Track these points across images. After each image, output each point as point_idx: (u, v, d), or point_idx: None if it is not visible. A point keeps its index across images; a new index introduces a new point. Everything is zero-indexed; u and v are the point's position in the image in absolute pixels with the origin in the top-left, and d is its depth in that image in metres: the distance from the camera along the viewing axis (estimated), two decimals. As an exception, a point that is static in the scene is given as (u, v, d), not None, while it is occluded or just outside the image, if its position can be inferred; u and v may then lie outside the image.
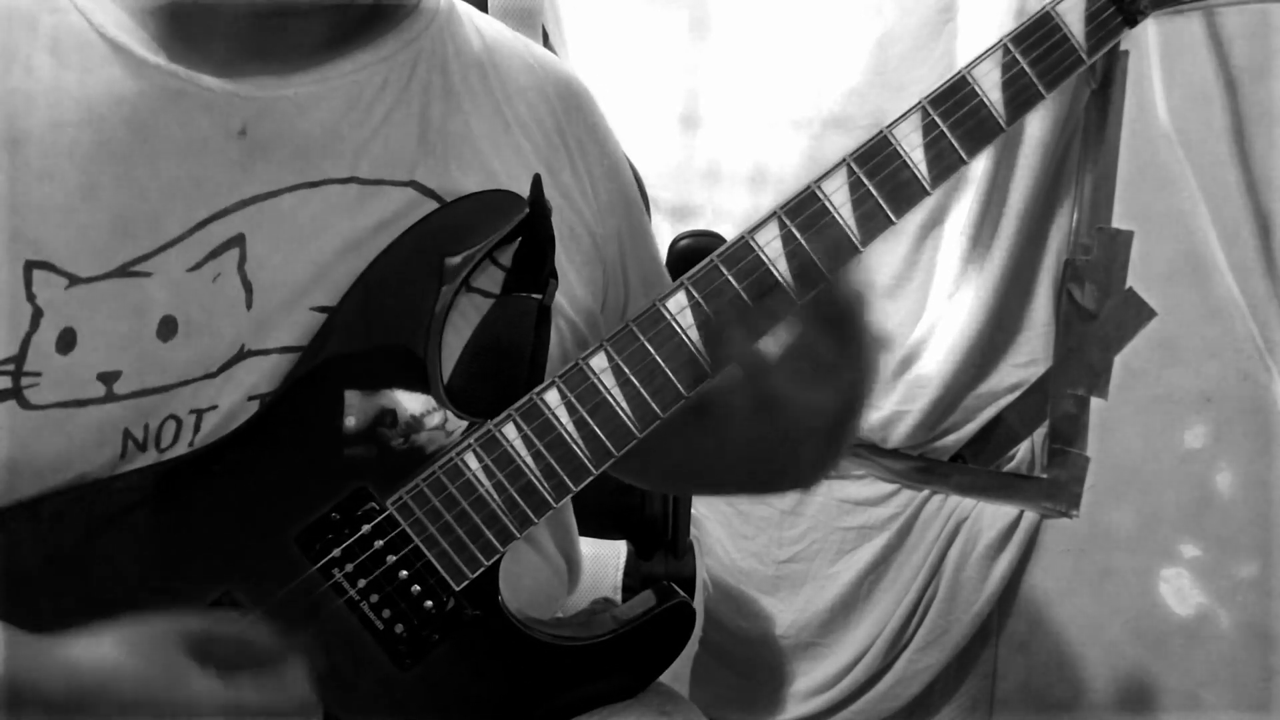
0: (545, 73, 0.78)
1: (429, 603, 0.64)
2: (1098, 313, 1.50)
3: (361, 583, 0.63)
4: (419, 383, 0.64)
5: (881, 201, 0.69)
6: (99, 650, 0.54)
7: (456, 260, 0.66)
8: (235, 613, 0.60)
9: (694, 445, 0.81)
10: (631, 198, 0.82)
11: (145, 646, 0.54)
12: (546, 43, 1.68)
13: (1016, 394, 1.58)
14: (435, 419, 0.65)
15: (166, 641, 0.55)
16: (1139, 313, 1.48)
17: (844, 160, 0.68)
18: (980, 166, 1.49)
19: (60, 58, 0.63)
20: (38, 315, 0.59)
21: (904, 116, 0.69)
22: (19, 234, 0.60)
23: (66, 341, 0.60)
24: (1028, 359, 1.56)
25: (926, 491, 1.64)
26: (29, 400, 0.59)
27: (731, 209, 1.66)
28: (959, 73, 0.69)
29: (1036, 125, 1.46)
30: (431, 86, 0.71)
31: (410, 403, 0.64)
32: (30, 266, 0.60)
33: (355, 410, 0.64)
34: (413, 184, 0.68)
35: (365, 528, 0.63)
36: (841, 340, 0.67)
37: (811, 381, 0.66)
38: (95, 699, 0.52)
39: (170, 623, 0.56)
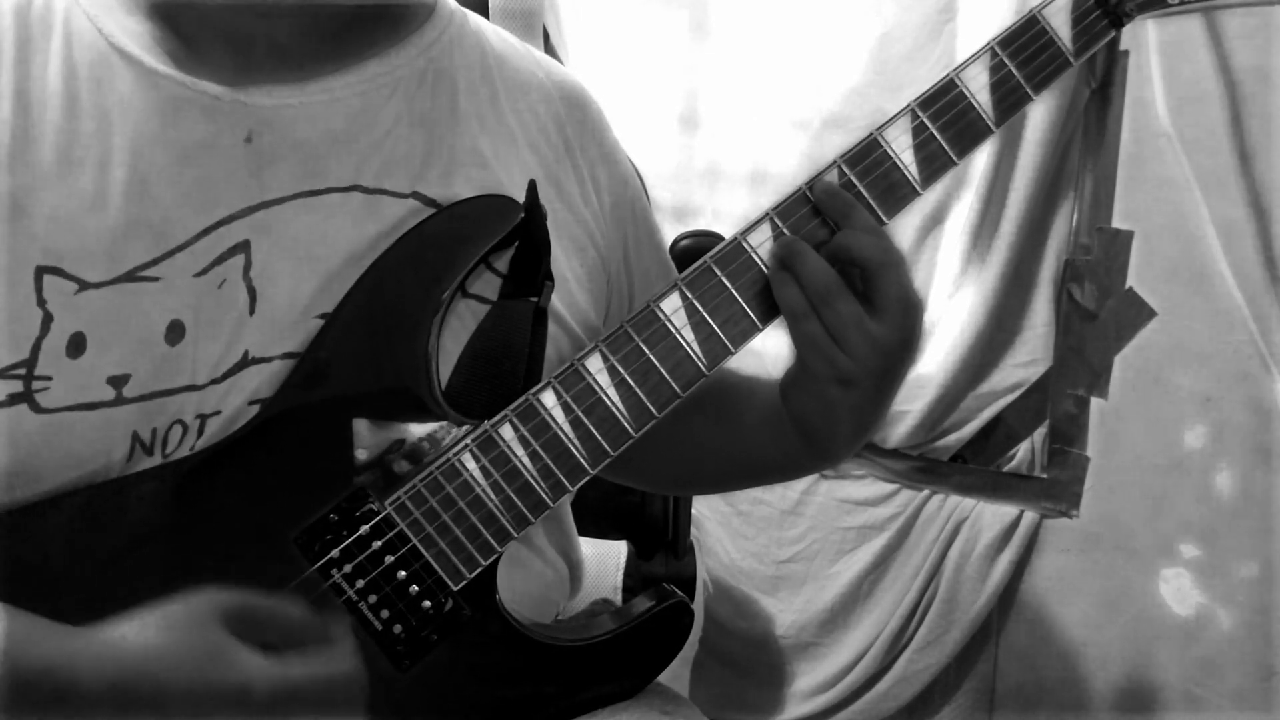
0: (553, 83, 0.78)
1: (427, 603, 0.64)
2: (1098, 313, 1.50)
3: (360, 583, 0.63)
4: (416, 387, 0.65)
5: (872, 203, 0.69)
6: (140, 634, 0.54)
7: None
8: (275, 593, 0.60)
9: (709, 441, 0.81)
10: (638, 207, 0.83)
11: (187, 626, 0.54)
12: (547, 43, 1.68)
13: (1016, 394, 1.58)
14: (433, 425, 0.65)
15: (208, 619, 0.55)
16: (1139, 313, 1.48)
17: (835, 162, 0.69)
18: (980, 167, 1.49)
19: (72, 66, 0.64)
20: (48, 320, 0.60)
21: (893, 119, 0.69)
22: (30, 240, 0.60)
23: (76, 345, 0.60)
24: (1028, 359, 1.56)
25: (926, 491, 1.64)
26: (39, 404, 0.60)
27: (731, 209, 1.66)
28: (947, 76, 0.70)
29: (1036, 125, 1.46)
30: (439, 98, 0.71)
31: (408, 410, 0.65)
32: (41, 272, 0.60)
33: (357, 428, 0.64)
34: (415, 195, 0.68)
35: (363, 528, 0.63)
36: (876, 295, 0.66)
37: (853, 333, 0.66)
38: (143, 684, 0.53)
39: (209, 600, 0.56)
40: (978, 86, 0.70)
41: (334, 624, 0.61)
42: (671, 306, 0.68)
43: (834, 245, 0.67)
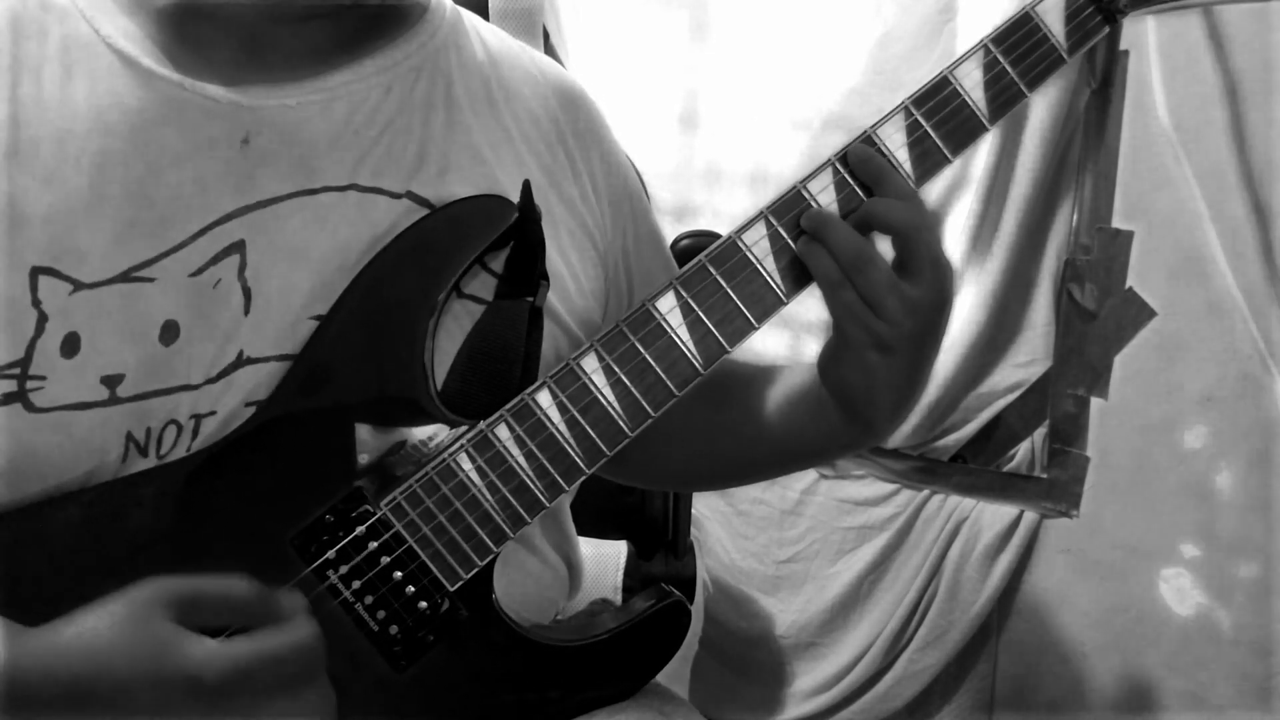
0: (548, 82, 0.78)
1: (423, 604, 0.64)
2: (1098, 313, 1.50)
3: (356, 584, 0.63)
4: (412, 390, 0.65)
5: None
6: (82, 630, 0.54)
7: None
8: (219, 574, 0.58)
9: (742, 430, 0.81)
10: (637, 206, 0.83)
11: (131, 620, 0.54)
12: (547, 43, 1.68)
13: (1016, 394, 1.57)
14: (429, 426, 0.65)
15: (151, 610, 0.54)
16: (1139, 313, 1.48)
17: (829, 161, 0.69)
18: (980, 166, 1.48)
19: (68, 67, 0.64)
20: (43, 320, 0.60)
21: (888, 117, 0.70)
22: (26, 240, 0.60)
23: (70, 346, 0.60)
24: (1028, 359, 1.56)
25: (926, 491, 1.64)
26: (33, 403, 0.60)
27: (731, 209, 1.66)
28: (941, 73, 0.70)
29: (1036, 126, 1.45)
30: (434, 97, 0.71)
31: (404, 412, 0.65)
32: (36, 272, 0.60)
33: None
34: (410, 195, 0.68)
35: (359, 529, 0.63)
36: (910, 259, 0.67)
37: (888, 298, 0.66)
38: (93, 682, 0.53)
39: (151, 589, 0.55)
40: (971, 84, 0.70)
41: (285, 595, 0.60)
42: (667, 306, 0.68)
43: (864, 212, 0.68)
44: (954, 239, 1.55)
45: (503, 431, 0.65)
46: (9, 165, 0.61)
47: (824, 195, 0.69)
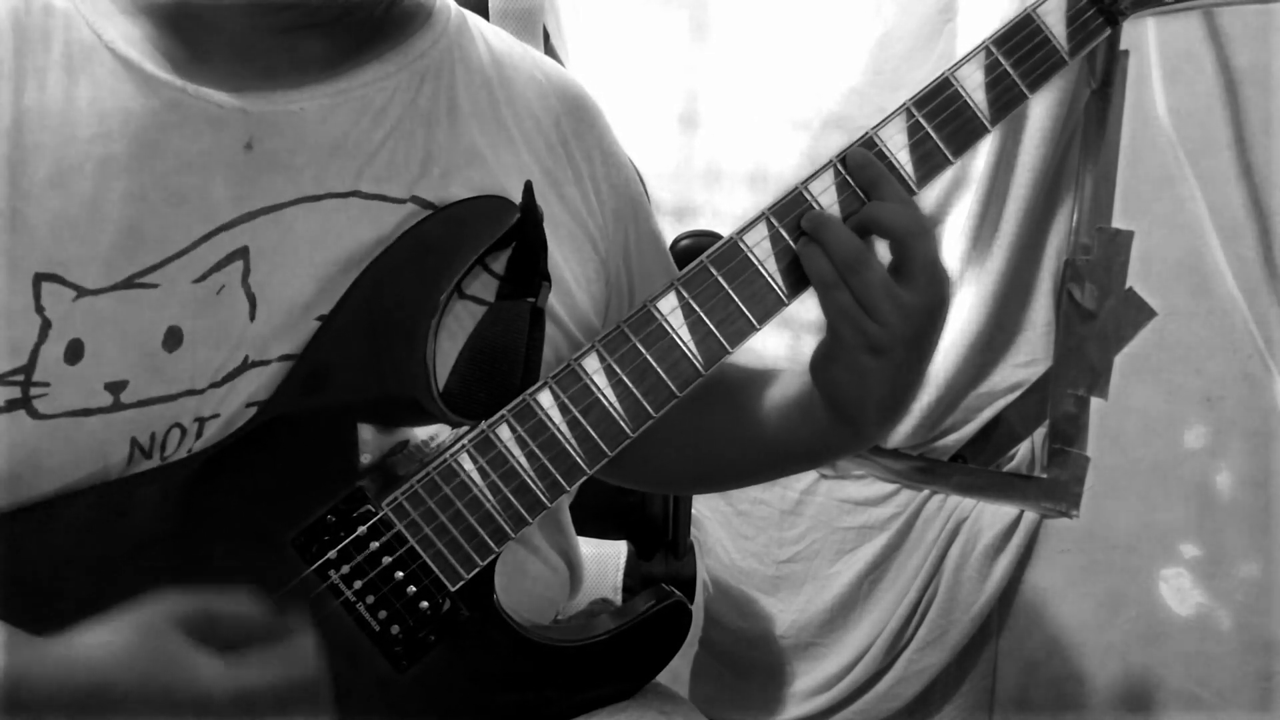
0: (551, 86, 0.78)
1: (424, 604, 0.64)
2: (1098, 313, 1.50)
3: (357, 584, 0.63)
4: (414, 390, 0.65)
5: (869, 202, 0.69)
6: (94, 645, 0.54)
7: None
8: (232, 590, 0.59)
9: (731, 433, 0.81)
10: (640, 209, 0.83)
11: (141, 634, 0.54)
12: (547, 43, 1.68)
13: (1016, 394, 1.57)
14: (431, 427, 0.65)
15: (163, 626, 0.54)
16: (1139, 313, 1.48)
17: (831, 162, 0.69)
18: (980, 167, 1.49)
19: (72, 74, 0.64)
20: (46, 326, 0.60)
21: (889, 118, 0.69)
22: (29, 247, 0.60)
23: (74, 352, 0.60)
24: (1028, 359, 1.56)
25: (926, 491, 1.64)
26: (38, 410, 0.60)
27: (731, 209, 1.66)
28: (942, 75, 0.70)
29: (1036, 126, 1.45)
30: (438, 101, 0.71)
31: (406, 412, 0.65)
32: (39, 279, 0.60)
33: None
34: (414, 199, 0.68)
35: (361, 529, 0.63)
36: (905, 263, 0.67)
37: (882, 301, 0.66)
38: (99, 695, 0.53)
39: (164, 605, 0.55)
40: (973, 85, 0.70)
41: (294, 617, 0.60)
42: (668, 306, 0.68)
43: (863, 215, 0.68)
44: (954, 239, 1.55)
45: (504, 432, 0.65)
46: (12, 172, 0.61)
47: (825, 196, 0.69)
